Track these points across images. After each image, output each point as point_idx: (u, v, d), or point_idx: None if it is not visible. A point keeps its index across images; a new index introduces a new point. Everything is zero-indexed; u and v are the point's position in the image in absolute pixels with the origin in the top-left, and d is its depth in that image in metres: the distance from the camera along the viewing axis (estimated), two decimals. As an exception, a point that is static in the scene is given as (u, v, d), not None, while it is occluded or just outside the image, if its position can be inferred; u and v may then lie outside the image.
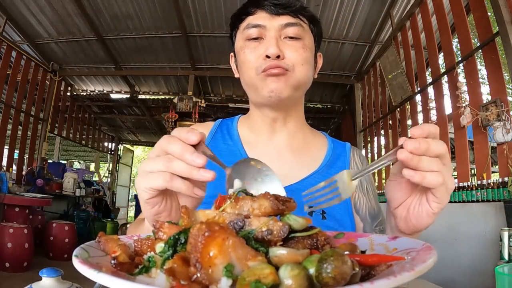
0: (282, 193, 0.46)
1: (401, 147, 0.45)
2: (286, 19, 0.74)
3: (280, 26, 0.74)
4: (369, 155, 5.24)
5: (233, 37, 0.84)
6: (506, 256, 1.81)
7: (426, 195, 0.50)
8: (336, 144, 0.90)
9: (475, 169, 2.85)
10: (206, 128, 0.90)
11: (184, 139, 0.45)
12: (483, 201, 2.40)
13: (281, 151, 0.82)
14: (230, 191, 0.46)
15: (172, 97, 6.39)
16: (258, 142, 0.83)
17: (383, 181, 5.04)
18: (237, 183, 0.45)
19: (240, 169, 0.48)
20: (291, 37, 0.74)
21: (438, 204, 0.49)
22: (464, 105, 2.87)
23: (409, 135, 0.46)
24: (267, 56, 0.71)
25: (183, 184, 0.45)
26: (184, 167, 0.44)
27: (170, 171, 0.45)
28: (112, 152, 9.53)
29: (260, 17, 0.75)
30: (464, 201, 2.56)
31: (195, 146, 0.46)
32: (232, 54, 0.87)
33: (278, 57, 0.71)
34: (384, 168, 0.53)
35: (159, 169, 0.45)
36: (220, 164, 0.49)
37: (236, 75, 0.85)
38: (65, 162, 8.31)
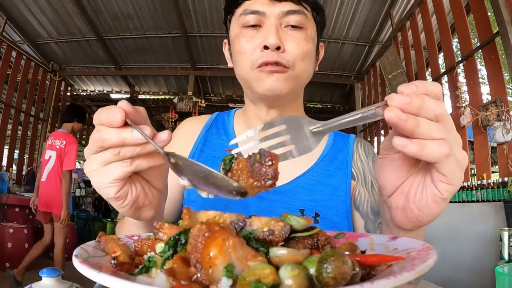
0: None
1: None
2: (287, 5, 0.66)
3: (281, 13, 0.66)
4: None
5: (228, 23, 0.75)
6: (506, 256, 1.81)
7: (431, 173, 0.38)
8: (338, 137, 0.81)
9: (475, 169, 2.85)
10: (201, 121, 0.84)
11: (110, 125, 0.38)
12: (483, 201, 2.40)
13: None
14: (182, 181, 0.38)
15: (172, 97, 6.39)
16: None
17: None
18: (183, 182, 0.38)
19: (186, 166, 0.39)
20: (293, 26, 0.66)
21: (447, 184, 0.37)
22: (464, 105, 2.87)
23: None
24: (265, 47, 0.64)
25: (150, 159, 0.41)
26: (135, 150, 0.39)
27: (127, 158, 0.40)
28: (112, 152, 9.53)
29: (258, 2, 0.67)
30: (464, 201, 2.56)
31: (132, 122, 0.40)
32: (225, 40, 0.79)
33: (278, 48, 0.64)
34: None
35: (111, 160, 0.40)
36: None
37: (230, 65, 0.77)
38: (65, 162, 8.29)
